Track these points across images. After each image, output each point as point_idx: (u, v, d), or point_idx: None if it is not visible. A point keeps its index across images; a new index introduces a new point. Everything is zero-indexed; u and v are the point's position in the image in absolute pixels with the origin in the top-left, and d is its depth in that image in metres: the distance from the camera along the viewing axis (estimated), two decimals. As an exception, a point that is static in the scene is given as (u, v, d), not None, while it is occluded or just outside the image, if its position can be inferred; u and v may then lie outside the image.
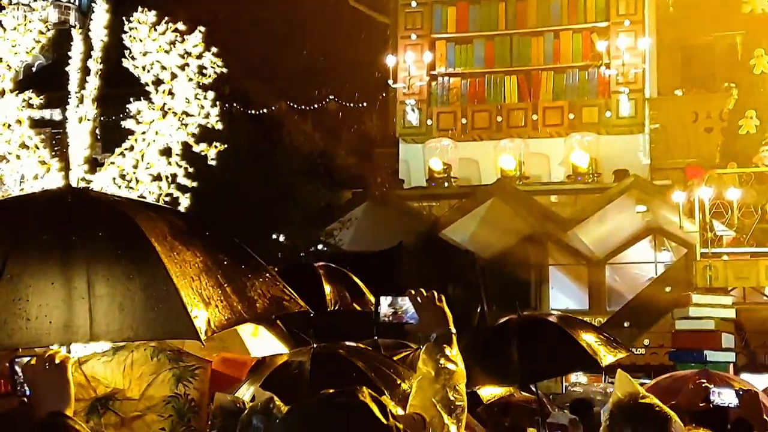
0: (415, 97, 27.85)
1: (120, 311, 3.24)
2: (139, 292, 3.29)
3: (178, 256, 3.42)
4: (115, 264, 3.35)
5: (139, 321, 3.28)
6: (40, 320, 3.09)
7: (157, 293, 3.27)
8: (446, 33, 28.46)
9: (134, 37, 11.71)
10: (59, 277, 3.20)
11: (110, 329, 3.22)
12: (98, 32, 11.76)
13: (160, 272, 3.29)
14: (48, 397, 2.67)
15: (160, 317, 3.29)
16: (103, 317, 3.19)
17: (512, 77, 27.85)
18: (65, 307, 3.14)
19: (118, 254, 3.39)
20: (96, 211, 3.69)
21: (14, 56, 11.80)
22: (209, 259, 3.58)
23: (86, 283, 3.19)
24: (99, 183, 11.90)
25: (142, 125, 11.88)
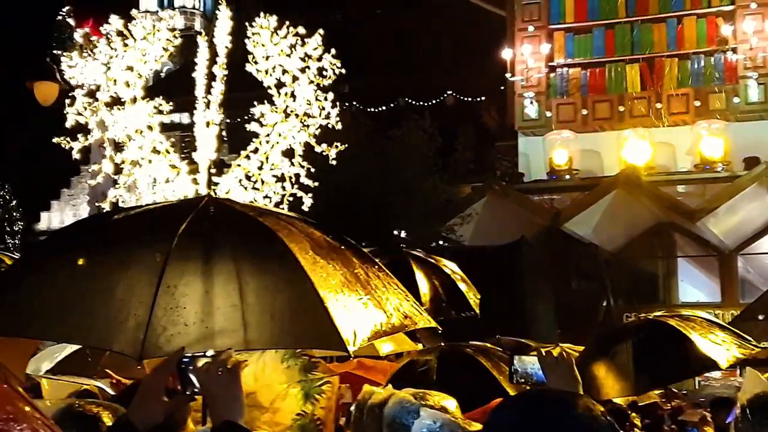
0: (533, 90, 27.62)
1: (270, 320, 3.36)
2: (287, 303, 3.41)
3: (320, 270, 3.51)
4: (262, 275, 3.48)
5: (288, 330, 3.40)
6: (197, 326, 3.23)
7: (304, 305, 3.37)
8: (564, 23, 28.11)
9: (257, 42, 12.01)
10: (212, 286, 3.35)
11: (262, 337, 3.35)
12: (222, 38, 12.12)
13: (306, 285, 3.39)
14: (222, 402, 2.70)
15: (307, 328, 3.40)
16: (255, 325, 3.31)
17: (634, 65, 27.31)
18: (220, 314, 3.28)
19: (264, 267, 3.52)
20: (240, 224, 3.85)
21: (144, 65, 12.26)
22: (348, 273, 3.66)
23: (238, 293, 3.33)
24: (226, 185, 12.28)
25: (265, 128, 12.20)
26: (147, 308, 3.22)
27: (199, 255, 3.45)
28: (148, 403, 2.72)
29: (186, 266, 3.37)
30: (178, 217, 3.81)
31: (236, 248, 3.56)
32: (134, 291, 3.31)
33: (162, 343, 3.17)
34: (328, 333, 3.29)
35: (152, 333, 3.18)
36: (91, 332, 3.38)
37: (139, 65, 12.17)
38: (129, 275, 3.41)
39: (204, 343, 3.23)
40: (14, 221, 43.29)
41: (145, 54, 12.13)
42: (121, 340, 3.25)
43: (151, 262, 3.40)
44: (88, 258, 3.65)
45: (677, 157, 26.46)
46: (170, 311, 3.23)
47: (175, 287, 3.29)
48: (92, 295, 3.41)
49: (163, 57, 12.50)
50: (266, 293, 3.42)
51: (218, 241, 3.59)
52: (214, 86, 12.09)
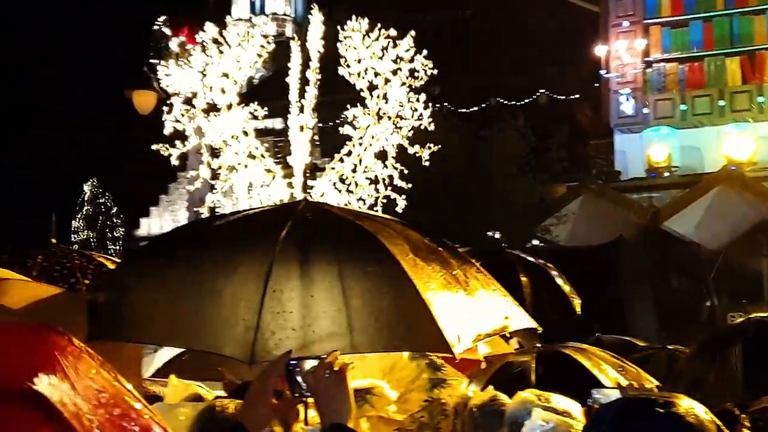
0: (629, 86, 27.11)
1: (375, 323, 3.37)
2: (391, 306, 3.41)
3: (421, 272, 3.51)
4: (365, 279, 3.49)
5: (394, 333, 3.41)
6: (304, 330, 3.26)
7: (408, 307, 3.38)
8: (660, 17, 27.51)
9: (348, 45, 12.06)
10: (317, 290, 3.38)
11: (368, 340, 3.36)
12: (314, 42, 12.20)
13: (409, 287, 3.39)
14: (330, 404, 2.72)
15: (413, 330, 3.40)
16: (361, 328, 3.32)
17: (734, 59, 26.55)
18: (325, 318, 3.30)
19: (366, 269, 3.53)
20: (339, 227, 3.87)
21: (239, 71, 12.43)
22: (448, 274, 3.66)
23: (342, 296, 3.34)
24: (320, 188, 12.36)
25: (358, 130, 12.24)
26: (255, 313, 3.26)
27: (302, 259, 3.47)
28: (257, 406, 2.75)
29: (290, 270, 3.39)
30: (279, 222, 3.85)
31: (337, 251, 3.56)
32: (241, 296, 3.35)
33: (271, 347, 3.20)
34: (434, 335, 3.27)
35: (261, 337, 3.22)
36: (201, 337, 3.44)
37: (233, 71, 12.34)
38: (235, 280, 3.45)
39: (312, 346, 3.25)
40: (115, 227, 44.48)
41: (239, 60, 12.29)
42: (232, 345, 3.30)
43: (256, 267, 3.44)
44: (194, 263, 3.70)
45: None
46: (277, 315, 3.26)
47: (281, 292, 3.31)
48: (201, 300, 3.46)
49: (257, 63, 12.65)
50: (370, 296, 3.42)
51: (319, 244, 3.61)
52: (308, 90, 12.18)
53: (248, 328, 3.24)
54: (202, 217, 12.22)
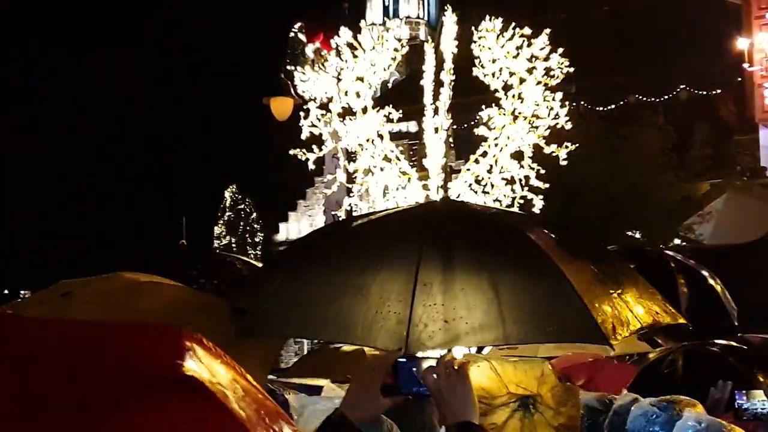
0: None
1: (529, 314, 3.39)
2: (544, 297, 3.42)
3: (569, 264, 3.51)
4: (515, 270, 3.52)
5: (547, 324, 3.41)
6: (456, 322, 3.30)
7: (561, 298, 3.37)
8: (806, 7, 26.39)
9: (483, 46, 12.01)
10: (466, 283, 3.41)
11: (521, 331, 3.37)
12: (448, 44, 12.20)
13: (561, 278, 3.39)
14: (453, 403, 2.73)
15: (567, 321, 3.39)
16: (514, 320, 3.34)
17: None
18: (477, 310, 3.33)
19: (515, 262, 3.56)
20: (482, 221, 3.93)
21: (373, 75, 12.54)
22: (596, 268, 3.66)
23: (492, 288, 3.36)
24: (456, 189, 12.35)
25: (494, 131, 12.17)
26: (407, 305, 3.30)
27: (449, 253, 3.51)
28: (362, 400, 2.77)
29: (438, 264, 3.44)
30: (422, 218, 3.93)
31: (484, 245, 3.60)
32: (392, 289, 3.41)
33: (425, 340, 3.24)
34: (589, 327, 3.25)
35: (414, 330, 3.26)
36: (353, 331, 3.51)
37: (368, 75, 12.46)
38: (384, 275, 3.52)
39: (465, 338, 3.28)
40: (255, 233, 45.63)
41: (373, 64, 12.40)
42: (384, 338, 3.35)
43: (405, 262, 3.49)
44: (341, 260, 3.79)
45: None
46: (429, 308, 3.29)
47: (431, 284, 3.35)
48: (350, 295, 3.53)
49: (391, 66, 12.73)
50: (521, 288, 3.43)
51: (464, 239, 3.65)
52: (442, 92, 12.19)
53: (400, 321, 3.29)
54: (343, 218, 12.41)
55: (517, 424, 4.65)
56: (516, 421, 4.70)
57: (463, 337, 3.25)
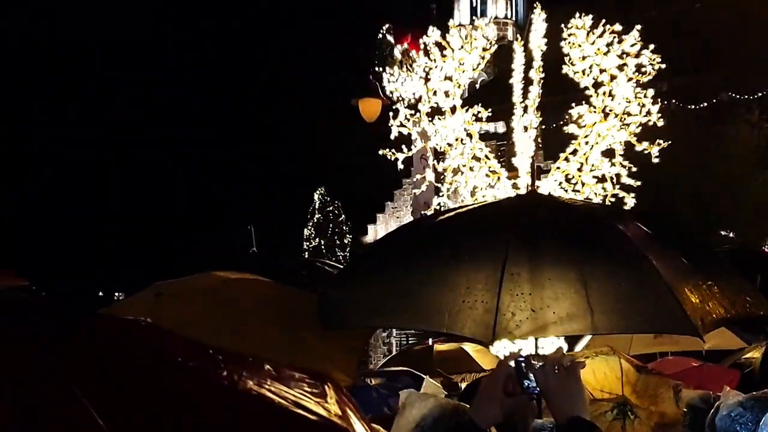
0: None
1: (616, 304, 3.40)
2: (632, 287, 3.43)
3: (658, 254, 3.52)
4: (602, 260, 3.54)
5: (636, 314, 3.42)
6: (543, 311, 3.34)
7: (649, 288, 3.39)
8: None
9: (572, 43, 11.94)
10: (554, 273, 3.45)
11: (609, 321, 3.40)
12: (537, 42, 12.16)
13: (648, 269, 3.41)
14: (562, 399, 2.76)
15: (656, 312, 3.40)
16: (601, 310, 3.37)
17: None
18: (565, 299, 3.36)
19: (603, 252, 3.60)
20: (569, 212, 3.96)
21: (462, 74, 12.58)
22: (685, 259, 3.65)
23: (580, 278, 3.40)
24: (546, 188, 12.28)
25: (584, 129, 12.08)
26: (494, 295, 3.36)
27: (536, 244, 3.55)
28: (488, 403, 2.82)
29: (525, 255, 3.48)
30: (509, 210, 3.97)
31: (571, 235, 3.63)
32: (479, 279, 3.47)
33: (512, 328, 3.29)
34: (678, 317, 3.26)
35: (501, 318, 3.31)
36: (441, 319, 3.57)
37: (457, 74, 12.50)
38: (472, 265, 3.58)
39: (551, 327, 3.31)
40: (344, 234, 45.96)
41: (462, 63, 12.44)
42: (471, 326, 3.41)
43: (492, 252, 3.55)
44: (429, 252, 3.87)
45: None
46: (517, 297, 3.34)
47: (518, 274, 3.40)
48: (439, 285, 3.61)
49: (480, 65, 12.75)
50: (609, 278, 3.46)
51: (551, 229, 3.69)
52: (531, 90, 12.16)
53: (487, 309, 3.34)
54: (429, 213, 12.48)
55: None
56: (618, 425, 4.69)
57: (551, 326, 3.29)
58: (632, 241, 3.51)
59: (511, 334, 3.29)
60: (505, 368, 2.85)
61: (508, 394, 2.82)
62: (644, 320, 3.43)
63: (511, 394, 2.82)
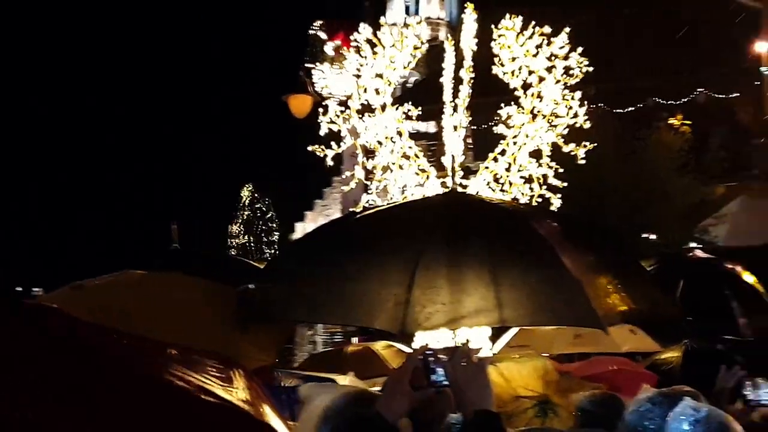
0: (792, 83, 26.02)
1: (526, 299, 3.49)
2: (542, 282, 3.53)
3: (569, 252, 3.61)
4: (514, 256, 3.64)
5: (545, 308, 3.52)
6: (454, 305, 3.41)
7: (559, 283, 3.48)
8: (826, 10, 26.30)
9: (502, 44, 12.05)
10: (466, 268, 3.51)
11: (518, 314, 3.48)
12: (468, 42, 12.24)
13: (559, 265, 3.51)
14: (470, 392, 2.80)
15: (564, 306, 3.50)
16: (511, 303, 3.45)
17: None
18: (475, 293, 3.42)
19: (515, 247, 3.69)
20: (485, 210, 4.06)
21: (393, 72, 12.60)
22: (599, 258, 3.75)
23: (491, 273, 3.47)
24: (474, 187, 12.37)
25: (512, 129, 12.20)
26: (406, 289, 3.41)
27: (452, 240, 3.63)
28: (395, 396, 2.83)
29: (441, 251, 3.55)
30: (428, 208, 4.07)
31: (486, 232, 3.72)
32: (393, 274, 3.54)
33: (421, 321, 3.36)
34: (585, 311, 3.37)
35: (412, 311, 3.38)
36: (353, 313, 3.63)
37: (388, 72, 12.52)
38: (387, 260, 3.66)
39: (461, 321, 3.38)
40: (271, 232, 45.71)
41: (393, 61, 12.46)
42: (382, 318, 3.47)
43: (408, 248, 3.63)
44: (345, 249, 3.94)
45: None
46: (429, 291, 3.41)
47: (432, 270, 3.47)
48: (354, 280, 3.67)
49: (411, 64, 12.79)
50: (520, 274, 3.55)
51: (468, 226, 3.77)
52: (461, 90, 12.23)
53: (399, 302, 3.41)
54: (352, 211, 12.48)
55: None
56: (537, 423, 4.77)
57: (460, 319, 3.36)
58: (546, 239, 3.62)
59: (420, 326, 3.38)
60: (413, 362, 2.86)
61: (416, 387, 2.82)
62: (553, 314, 3.55)
63: (419, 388, 2.83)
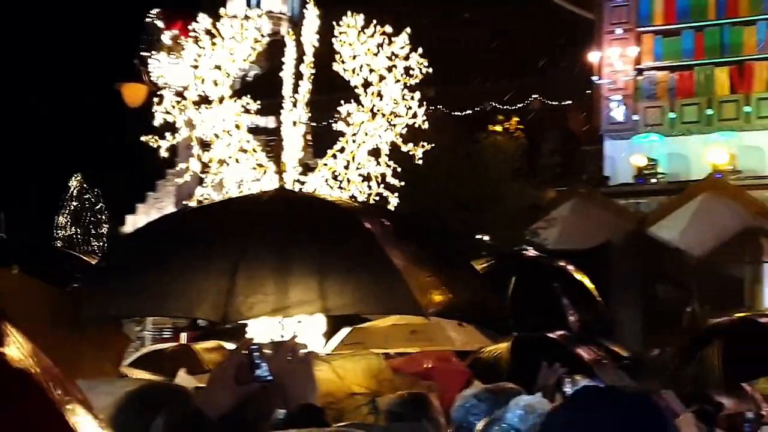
0: (620, 93, 27.22)
1: (349, 288, 3.64)
2: (364, 272, 3.68)
3: (394, 244, 3.81)
4: (339, 247, 3.82)
5: (367, 297, 3.68)
6: (277, 295, 3.45)
7: (381, 273, 3.67)
8: (653, 26, 27.63)
9: (343, 41, 12.04)
10: (292, 259, 3.59)
11: (341, 303, 3.63)
12: (309, 38, 12.17)
13: (382, 255, 3.72)
14: (294, 387, 2.76)
15: (386, 294, 3.69)
16: (334, 293, 3.59)
17: (723, 68, 26.71)
18: (299, 283, 3.52)
19: (340, 239, 3.88)
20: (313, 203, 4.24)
21: (231, 64, 12.38)
22: (421, 251, 3.95)
23: (316, 263, 3.59)
24: (312, 184, 12.33)
25: (352, 127, 12.21)
26: (229, 278, 3.48)
27: (277, 230, 3.74)
28: (218, 392, 2.77)
29: (266, 243, 3.63)
30: (257, 202, 4.16)
31: (312, 226, 3.87)
32: (217, 264, 3.59)
33: (244, 310, 3.43)
34: (407, 301, 3.55)
35: (234, 300, 3.45)
36: (175, 304, 3.65)
37: (227, 64, 12.30)
38: (212, 253, 3.69)
39: (284, 310, 3.49)
40: (100, 224, 44.32)
41: (232, 53, 12.25)
42: (204, 308, 3.54)
43: (233, 239, 3.69)
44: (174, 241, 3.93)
45: (766, 161, 25.83)
46: (251, 281, 3.50)
47: (256, 261, 3.53)
48: (178, 272, 3.72)
49: (251, 56, 12.60)
50: (345, 265, 3.72)
51: (294, 220, 3.91)
52: (301, 85, 12.15)
53: (221, 291, 3.47)
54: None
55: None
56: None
57: (283, 309, 3.44)
58: (374, 235, 3.79)
59: (242, 315, 3.44)
60: (237, 356, 2.80)
61: (241, 382, 2.77)
62: (377, 303, 3.78)
63: (243, 383, 2.77)
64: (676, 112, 26.89)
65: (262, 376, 2.75)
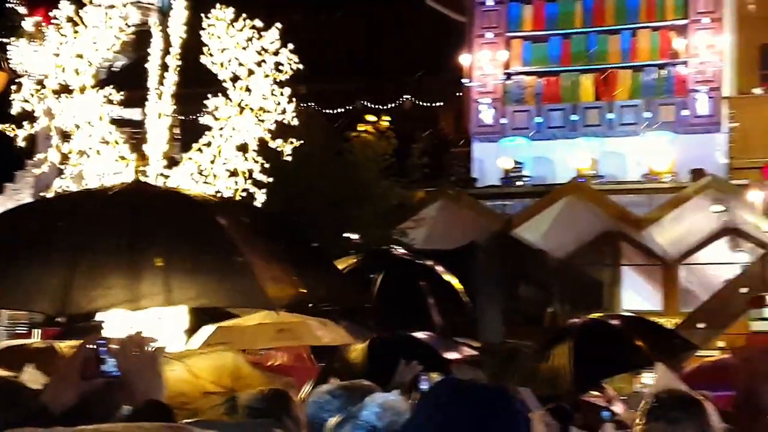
0: (489, 96, 27.72)
1: (195, 280, 3.64)
2: (212, 265, 3.72)
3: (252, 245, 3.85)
4: (186, 239, 3.85)
5: (214, 290, 3.73)
6: (119, 289, 3.43)
7: (229, 266, 3.72)
8: (522, 31, 28.26)
9: (212, 34, 11.83)
10: (137, 252, 3.58)
11: (187, 295, 3.64)
12: (177, 29, 11.92)
13: (230, 248, 3.76)
14: (141, 382, 2.73)
15: (235, 288, 3.74)
16: (180, 285, 3.61)
17: (588, 75, 27.56)
18: (143, 278, 3.50)
19: (188, 231, 3.92)
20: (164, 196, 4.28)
21: (95, 53, 12.01)
22: (279, 250, 3.99)
23: (161, 256, 3.58)
24: (177, 178, 12.07)
25: (219, 121, 12.01)
26: (70, 270, 3.43)
27: (125, 223, 3.69)
28: (62, 387, 2.73)
29: (111, 234, 3.60)
30: (106, 194, 4.11)
31: (160, 215, 3.87)
32: (58, 256, 3.53)
33: (84, 303, 3.40)
34: (255, 293, 3.58)
35: (73, 293, 3.38)
36: (12, 296, 3.56)
37: (89, 53, 11.92)
38: (55, 246, 3.63)
39: (127, 303, 3.46)
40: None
41: (95, 42, 11.89)
42: (42, 300, 3.48)
43: (77, 234, 3.62)
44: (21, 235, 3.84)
45: (627, 167, 26.75)
46: (93, 274, 3.44)
47: (99, 255, 3.48)
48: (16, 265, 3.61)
49: (115, 46, 12.26)
50: (193, 259, 3.72)
51: (142, 210, 3.91)
52: (167, 77, 11.89)
53: (59, 284, 3.40)
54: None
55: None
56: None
57: (126, 302, 3.45)
58: (226, 230, 3.79)
59: (82, 308, 3.40)
60: (84, 351, 2.74)
61: (87, 378, 2.72)
62: (225, 296, 3.86)
63: (90, 378, 2.72)
64: (542, 116, 27.56)
65: (108, 371, 2.71)
